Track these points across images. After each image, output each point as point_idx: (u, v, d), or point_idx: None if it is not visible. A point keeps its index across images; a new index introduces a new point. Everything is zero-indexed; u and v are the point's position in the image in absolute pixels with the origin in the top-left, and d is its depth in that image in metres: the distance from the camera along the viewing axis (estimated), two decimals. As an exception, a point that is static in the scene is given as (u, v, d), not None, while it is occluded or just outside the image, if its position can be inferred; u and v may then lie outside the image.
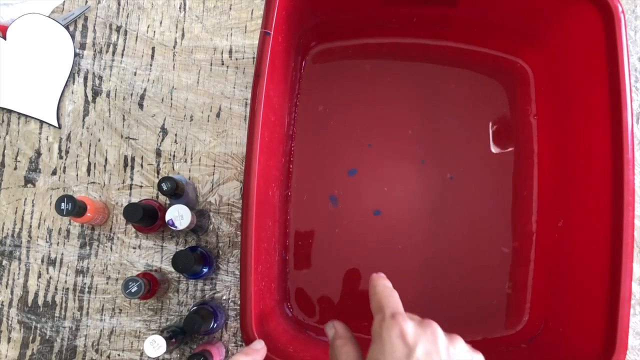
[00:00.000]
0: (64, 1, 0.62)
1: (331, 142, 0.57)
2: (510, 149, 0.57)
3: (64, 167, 0.59)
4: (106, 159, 0.59)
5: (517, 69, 0.58)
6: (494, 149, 0.57)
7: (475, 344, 0.54)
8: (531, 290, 0.54)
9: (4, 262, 0.57)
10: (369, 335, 0.54)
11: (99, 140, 0.59)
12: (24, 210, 0.58)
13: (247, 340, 0.42)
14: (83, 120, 0.60)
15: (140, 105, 0.60)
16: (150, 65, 0.60)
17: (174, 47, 0.61)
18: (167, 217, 0.49)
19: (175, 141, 0.59)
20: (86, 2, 0.62)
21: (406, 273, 0.55)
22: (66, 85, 0.60)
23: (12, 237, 0.58)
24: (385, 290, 0.39)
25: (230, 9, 0.61)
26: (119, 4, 0.62)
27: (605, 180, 0.45)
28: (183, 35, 0.61)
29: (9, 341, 0.56)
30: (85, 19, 0.61)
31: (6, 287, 0.57)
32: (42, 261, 0.57)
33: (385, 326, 0.35)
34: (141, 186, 0.58)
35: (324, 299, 0.54)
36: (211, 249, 0.57)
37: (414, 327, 0.35)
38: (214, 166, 0.58)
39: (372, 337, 0.36)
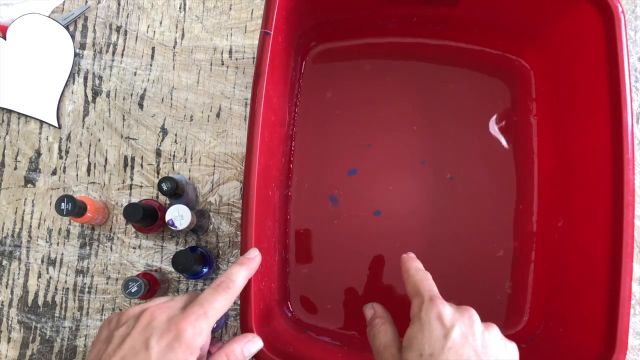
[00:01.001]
0: (64, 1, 0.62)
1: (331, 142, 0.57)
2: (510, 149, 0.57)
3: (64, 167, 0.59)
4: (106, 159, 0.59)
5: (517, 68, 0.58)
6: (493, 149, 0.57)
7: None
8: (531, 290, 0.54)
9: (4, 262, 0.57)
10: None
11: (99, 140, 0.59)
12: (24, 210, 0.58)
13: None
14: (83, 120, 0.60)
15: (140, 105, 0.60)
16: (150, 65, 0.60)
17: (174, 47, 0.61)
18: (167, 217, 0.49)
19: (175, 141, 0.59)
20: (86, 2, 0.62)
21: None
22: (66, 85, 0.60)
23: (12, 237, 0.58)
24: (418, 272, 0.41)
25: (230, 9, 0.61)
26: (119, 4, 0.62)
27: (605, 180, 0.45)
28: (183, 35, 0.61)
29: (9, 341, 0.56)
30: (85, 19, 0.61)
31: (6, 287, 0.57)
32: (42, 261, 0.57)
33: (424, 308, 0.37)
34: (141, 186, 0.58)
35: (324, 298, 0.54)
36: (211, 249, 0.57)
37: (451, 310, 0.37)
38: (214, 166, 0.58)
39: (411, 318, 0.38)
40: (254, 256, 0.40)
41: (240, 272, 0.38)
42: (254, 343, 0.39)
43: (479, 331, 0.36)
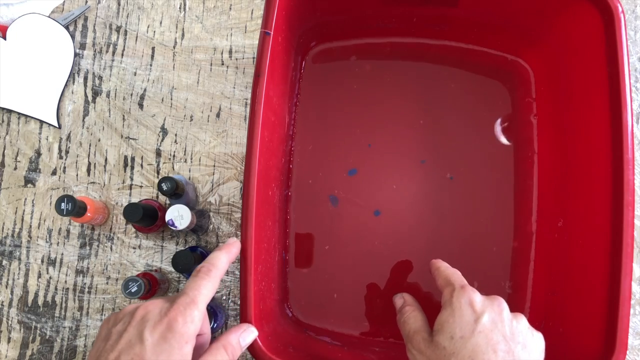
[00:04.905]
0: (64, 1, 0.62)
1: (331, 142, 0.57)
2: (510, 149, 0.57)
3: (64, 167, 0.59)
4: (106, 159, 0.59)
5: (517, 68, 0.58)
6: (493, 149, 0.57)
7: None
8: (531, 290, 0.54)
9: (4, 262, 0.57)
10: (369, 337, 0.54)
11: (99, 140, 0.59)
12: (24, 210, 0.58)
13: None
14: (83, 120, 0.60)
15: (140, 105, 0.60)
16: (150, 65, 0.60)
17: (174, 47, 0.61)
18: (167, 217, 0.49)
19: (175, 141, 0.59)
20: (86, 2, 0.62)
21: (406, 272, 0.55)
22: (66, 85, 0.60)
23: (12, 237, 0.58)
24: (449, 268, 0.44)
25: (230, 9, 0.61)
26: (119, 4, 0.62)
27: (605, 180, 0.45)
28: (183, 35, 0.61)
29: (9, 341, 0.56)
30: (85, 19, 0.61)
31: (6, 287, 0.57)
32: (42, 261, 0.57)
33: (456, 294, 0.40)
34: (141, 186, 0.58)
35: (324, 299, 0.54)
36: (211, 249, 0.57)
37: (482, 297, 0.40)
38: (214, 166, 0.58)
39: (442, 305, 0.40)
40: (233, 242, 0.41)
41: (220, 256, 0.39)
42: (250, 333, 0.40)
43: (508, 318, 0.38)
